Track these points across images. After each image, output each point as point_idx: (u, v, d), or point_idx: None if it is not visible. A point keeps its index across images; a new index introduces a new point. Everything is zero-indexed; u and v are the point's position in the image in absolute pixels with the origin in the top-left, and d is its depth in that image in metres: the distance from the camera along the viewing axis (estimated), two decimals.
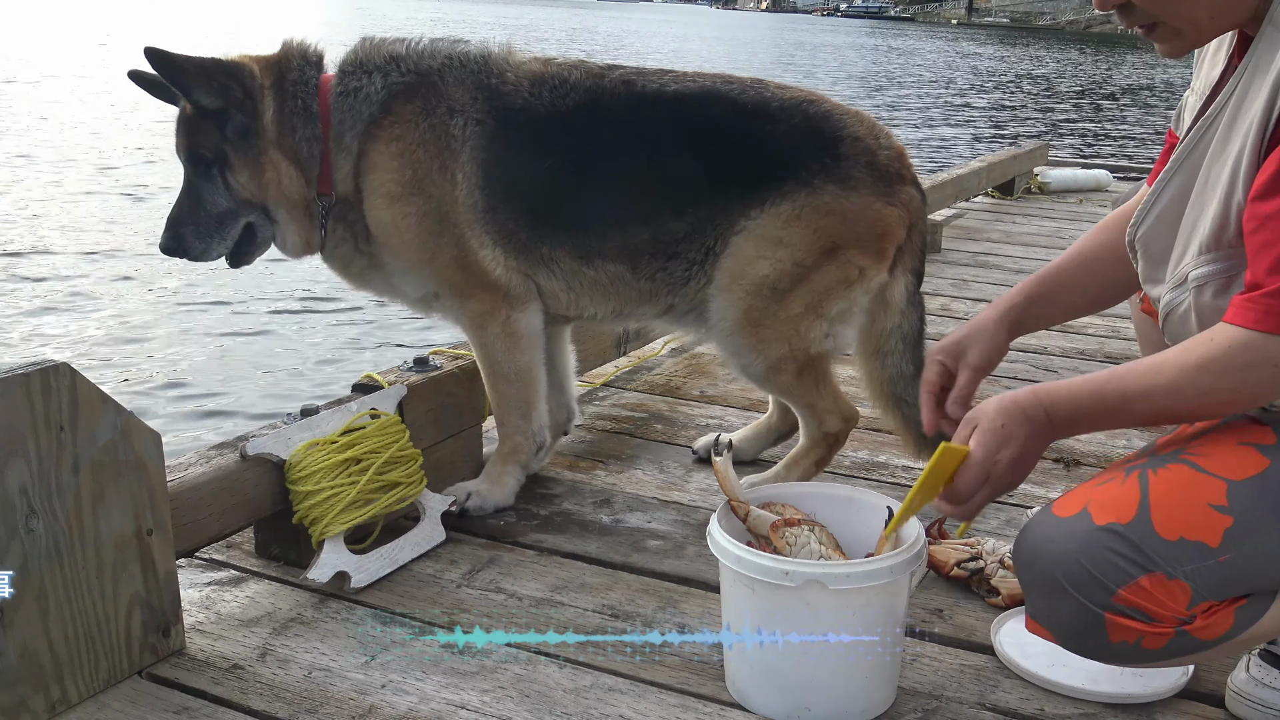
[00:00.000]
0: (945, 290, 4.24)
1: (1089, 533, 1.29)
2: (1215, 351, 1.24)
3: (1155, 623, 1.28)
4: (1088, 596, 1.29)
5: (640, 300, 2.21)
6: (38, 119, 11.55)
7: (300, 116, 2.09)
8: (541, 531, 2.13)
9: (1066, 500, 1.36)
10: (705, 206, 2.12)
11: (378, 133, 2.09)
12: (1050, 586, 1.32)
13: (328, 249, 2.19)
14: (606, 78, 2.16)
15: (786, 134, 2.11)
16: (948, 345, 1.63)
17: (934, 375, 1.61)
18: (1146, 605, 1.27)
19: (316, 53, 2.17)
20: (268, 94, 2.08)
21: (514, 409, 2.22)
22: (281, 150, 2.09)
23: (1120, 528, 1.28)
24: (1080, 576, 1.29)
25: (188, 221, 2.09)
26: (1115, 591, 1.27)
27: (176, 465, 1.75)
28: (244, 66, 2.09)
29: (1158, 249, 1.43)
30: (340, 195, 2.13)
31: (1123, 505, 1.30)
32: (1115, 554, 1.27)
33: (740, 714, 1.54)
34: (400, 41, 2.18)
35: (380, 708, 1.54)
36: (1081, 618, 1.30)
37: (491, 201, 2.10)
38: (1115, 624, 1.29)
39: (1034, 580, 1.35)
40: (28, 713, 1.45)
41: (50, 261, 6.31)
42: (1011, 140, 13.37)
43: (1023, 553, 1.37)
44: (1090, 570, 1.28)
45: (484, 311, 2.16)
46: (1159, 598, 1.27)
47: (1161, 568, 1.26)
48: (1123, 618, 1.28)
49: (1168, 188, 1.42)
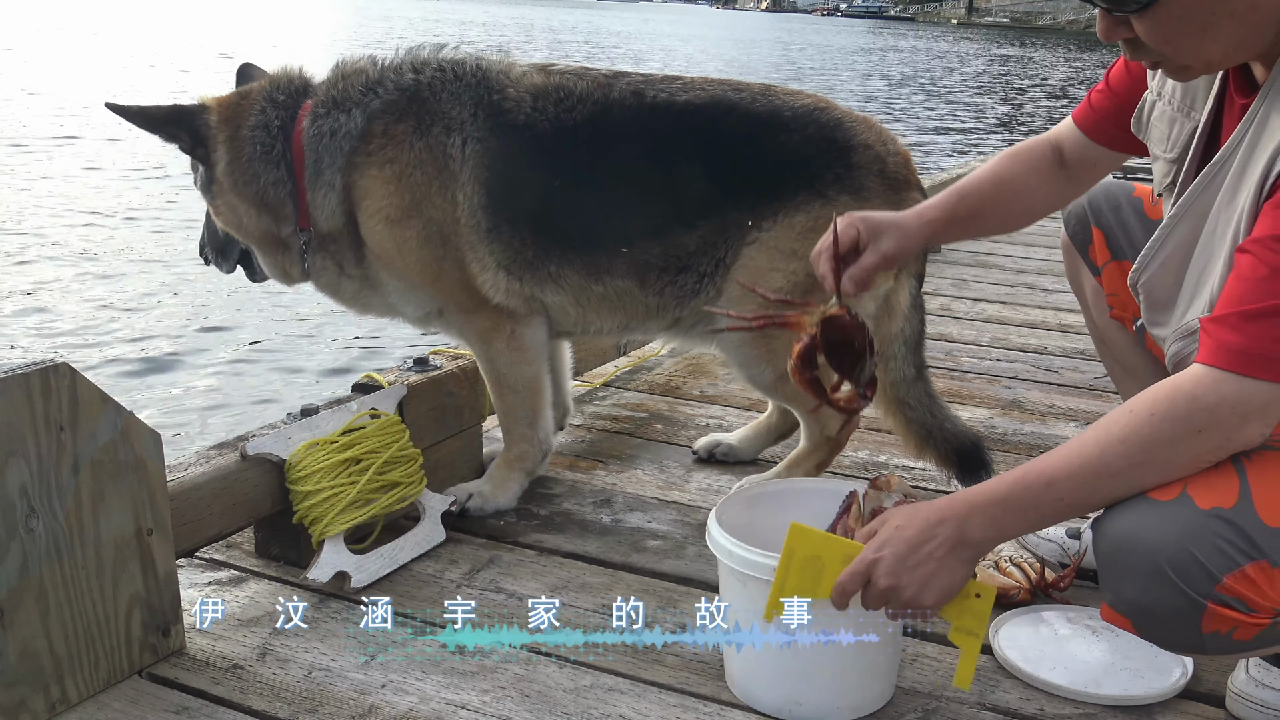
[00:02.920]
0: (945, 290, 4.24)
1: (1194, 518, 1.22)
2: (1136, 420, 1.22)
3: (1253, 613, 1.23)
4: (1191, 584, 1.22)
5: (648, 314, 2.19)
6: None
7: (261, 163, 2.07)
8: (541, 531, 2.13)
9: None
10: (717, 219, 2.09)
11: (366, 160, 2.05)
12: (1151, 574, 1.24)
13: (312, 278, 2.20)
14: (614, 87, 2.12)
15: (800, 144, 2.09)
16: (872, 219, 1.65)
17: (846, 237, 1.62)
18: (1249, 594, 1.21)
19: (294, 86, 2.13)
20: (221, 145, 2.08)
21: (521, 419, 2.22)
22: (238, 195, 2.09)
23: (1225, 513, 1.21)
24: (1185, 563, 1.21)
25: (207, 239, 2.28)
26: (1220, 580, 1.21)
27: (176, 465, 1.75)
28: (196, 114, 2.08)
29: (1162, 295, 1.42)
30: (323, 231, 2.11)
31: (1222, 490, 1.24)
32: (1222, 540, 1.21)
33: (740, 714, 1.55)
34: (374, 64, 2.13)
35: (380, 708, 1.54)
36: (1179, 607, 1.23)
37: (495, 221, 2.07)
38: (1214, 613, 1.22)
39: (1129, 567, 1.27)
40: (28, 713, 1.45)
41: (49, 261, 6.30)
42: (1012, 140, 13.38)
43: (1113, 538, 1.29)
44: (1198, 556, 1.21)
45: (489, 327, 2.15)
46: (1262, 587, 1.21)
47: (1267, 555, 1.21)
48: (1223, 607, 1.22)
49: (1173, 234, 1.40)
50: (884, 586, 1.29)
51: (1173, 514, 1.24)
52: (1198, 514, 1.22)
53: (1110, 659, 1.64)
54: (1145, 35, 1.25)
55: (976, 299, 4.13)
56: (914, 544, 1.28)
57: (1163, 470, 1.24)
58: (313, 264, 2.16)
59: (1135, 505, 1.27)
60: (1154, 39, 1.25)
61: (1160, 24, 1.23)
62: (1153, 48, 1.26)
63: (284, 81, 2.14)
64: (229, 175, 2.08)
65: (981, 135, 14.95)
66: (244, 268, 2.28)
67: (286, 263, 2.18)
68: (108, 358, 4.85)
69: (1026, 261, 4.75)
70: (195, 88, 2.35)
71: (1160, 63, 1.30)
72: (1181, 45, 1.25)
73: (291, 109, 2.10)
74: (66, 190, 8.18)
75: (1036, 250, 5.02)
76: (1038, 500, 1.27)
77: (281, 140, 2.08)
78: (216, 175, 2.09)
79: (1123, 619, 1.30)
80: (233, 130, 2.08)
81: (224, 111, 2.10)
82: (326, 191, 2.08)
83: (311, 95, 2.12)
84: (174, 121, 2.07)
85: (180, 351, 5.01)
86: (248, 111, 2.09)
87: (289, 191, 2.09)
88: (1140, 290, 1.47)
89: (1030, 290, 4.31)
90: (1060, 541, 1.94)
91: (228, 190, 2.10)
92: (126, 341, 5.09)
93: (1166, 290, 1.42)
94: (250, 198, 2.09)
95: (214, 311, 5.55)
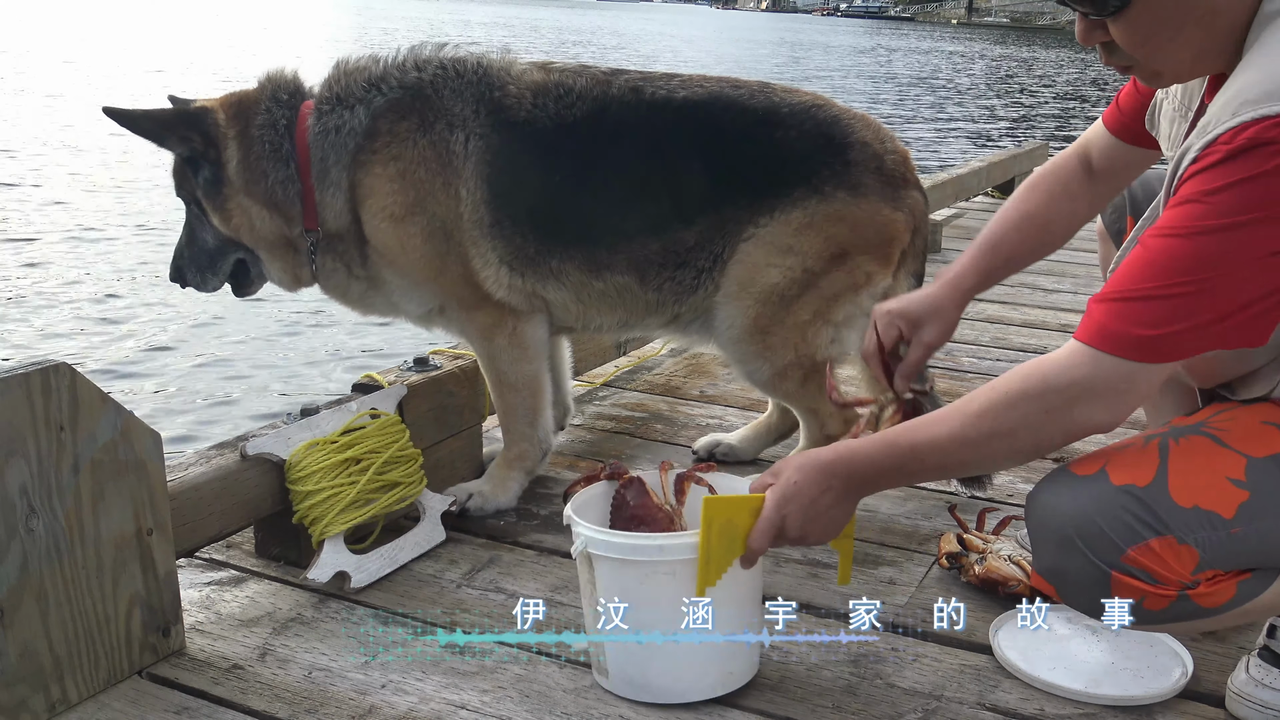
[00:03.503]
0: None
1: (1105, 492, 1.31)
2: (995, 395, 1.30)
3: (1159, 585, 1.30)
4: (1097, 553, 1.30)
5: (647, 311, 2.20)
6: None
7: (269, 160, 2.07)
8: (541, 531, 2.13)
9: (1084, 460, 1.37)
10: (716, 214, 2.10)
11: (370, 157, 2.05)
12: (1061, 541, 1.33)
13: (321, 280, 2.19)
14: (613, 84, 2.13)
15: (797, 140, 2.10)
16: (906, 312, 1.73)
17: (890, 336, 1.74)
18: (1153, 567, 1.29)
19: (293, 86, 2.13)
20: (231, 142, 2.06)
21: (521, 417, 2.22)
22: (250, 196, 2.07)
23: (1137, 490, 1.29)
24: (1092, 533, 1.30)
25: (185, 256, 2.18)
26: (1125, 551, 1.29)
27: (176, 465, 1.75)
28: (206, 114, 2.07)
29: None
30: (330, 230, 2.11)
31: (1141, 468, 1.31)
32: (1129, 514, 1.29)
33: (740, 714, 1.55)
34: (376, 61, 2.13)
35: (380, 708, 1.54)
36: (1088, 574, 1.31)
37: (497, 216, 2.07)
38: (1120, 582, 1.30)
39: (1045, 535, 1.36)
40: (28, 713, 1.45)
41: (49, 260, 6.31)
42: (1012, 140, 13.38)
43: (1036, 507, 1.38)
44: (1103, 528, 1.29)
45: (491, 324, 2.15)
46: (1167, 560, 1.29)
47: (1173, 532, 1.28)
48: (1128, 577, 1.30)
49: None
50: (794, 537, 1.43)
51: (1087, 488, 1.33)
52: (1109, 489, 1.31)
53: (1110, 659, 1.64)
54: (1119, 39, 1.31)
55: (976, 299, 4.13)
56: (813, 498, 1.40)
57: (1010, 443, 1.32)
58: (322, 266, 2.15)
59: (1057, 479, 1.38)
60: (1127, 43, 1.30)
61: (1132, 28, 1.28)
62: (1127, 51, 1.32)
63: (282, 82, 2.14)
64: (240, 174, 2.07)
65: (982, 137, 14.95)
66: (232, 281, 2.20)
67: (296, 265, 2.16)
68: (108, 358, 4.86)
69: None
70: (167, 91, 2.30)
71: (1133, 67, 1.36)
72: (1152, 50, 1.31)
73: (294, 108, 2.10)
74: (67, 190, 8.18)
75: None
76: (903, 465, 1.38)
77: (288, 139, 2.08)
78: (228, 175, 2.07)
79: (1047, 585, 1.39)
80: (241, 129, 2.07)
81: (229, 111, 2.09)
82: (334, 190, 2.08)
83: (309, 96, 2.12)
84: (186, 123, 2.05)
85: (180, 352, 5.01)
86: (254, 110, 2.09)
87: (297, 191, 2.08)
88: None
89: (1030, 290, 4.31)
90: None
91: (240, 190, 2.07)
92: (126, 341, 5.09)
93: None
94: (260, 197, 2.08)
95: (214, 311, 5.55)
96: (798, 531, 1.42)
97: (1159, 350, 1.22)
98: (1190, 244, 1.19)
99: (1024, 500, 2.22)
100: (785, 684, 1.61)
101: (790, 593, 1.88)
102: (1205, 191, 1.18)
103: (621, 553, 1.49)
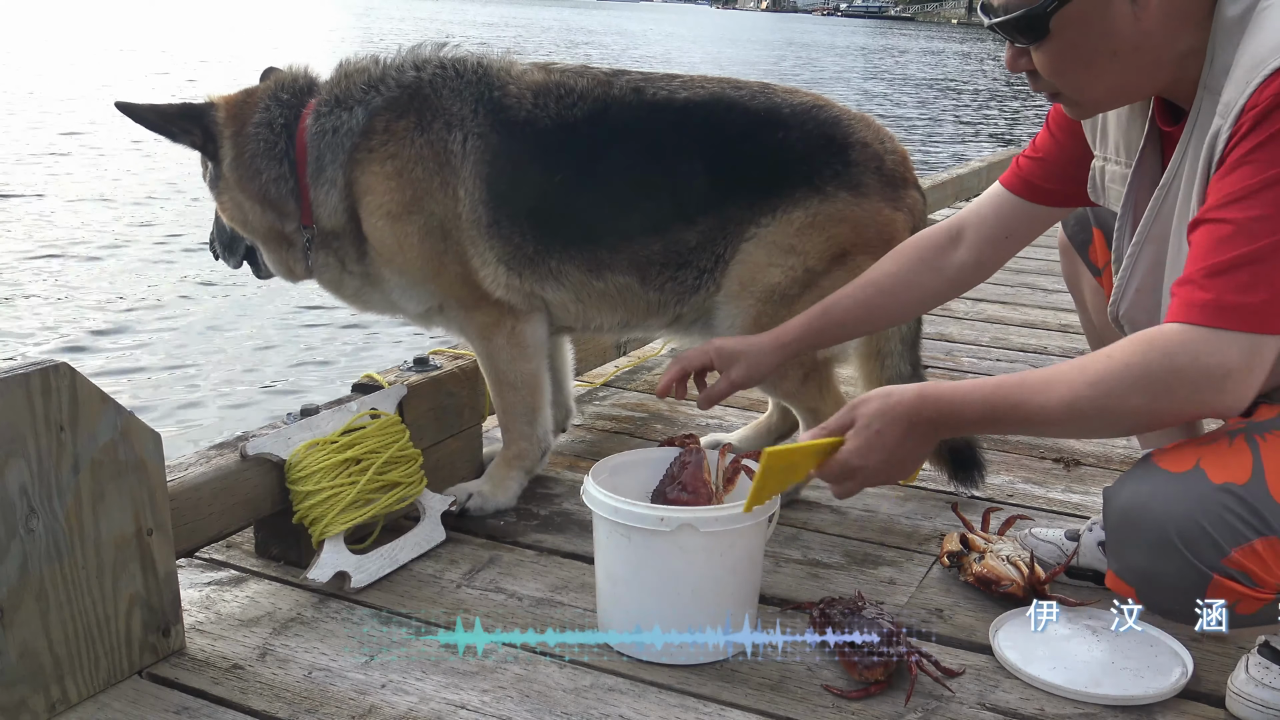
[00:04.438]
0: None
1: (1206, 491, 1.26)
2: (1114, 366, 1.24)
3: (1258, 588, 1.26)
4: (1198, 555, 1.25)
5: (648, 311, 2.20)
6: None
7: (264, 158, 2.10)
8: (541, 531, 2.13)
9: (1173, 455, 1.33)
10: (717, 214, 2.10)
11: (367, 156, 2.07)
12: (1157, 543, 1.27)
13: (315, 274, 2.21)
14: (614, 85, 2.13)
15: (798, 140, 2.10)
16: (726, 348, 1.80)
17: (698, 361, 1.80)
18: (1255, 569, 1.25)
19: (297, 85, 2.15)
20: (228, 139, 2.11)
21: (520, 416, 2.22)
22: (244, 191, 2.13)
23: (1237, 488, 1.25)
24: (1194, 534, 1.25)
25: (215, 234, 2.31)
26: (1228, 553, 1.24)
27: (176, 465, 1.75)
28: (208, 109, 2.12)
29: (1144, 319, 1.45)
30: (325, 228, 2.13)
31: (1236, 466, 1.27)
32: (1232, 514, 1.24)
33: (739, 713, 1.55)
34: (376, 63, 2.15)
35: (380, 708, 1.54)
36: (1186, 577, 1.27)
37: (496, 216, 2.08)
38: (1219, 585, 1.26)
39: (1137, 536, 1.30)
40: (28, 713, 1.45)
41: (49, 260, 6.31)
42: (1012, 140, 13.37)
43: (1125, 508, 1.32)
44: (1207, 528, 1.24)
45: (490, 323, 2.15)
46: (1269, 562, 1.24)
47: (1277, 532, 1.24)
48: (1229, 580, 1.25)
49: (1139, 262, 1.46)
50: (871, 480, 1.43)
51: (1185, 486, 1.27)
52: (1210, 487, 1.25)
53: (1110, 659, 1.64)
54: (1039, 67, 1.37)
55: (976, 299, 4.13)
56: (897, 443, 1.37)
57: (1124, 422, 1.28)
58: (315, 260, 2.18)
59: (1147, 475, 1.32)
60: (1047, 71, 1.37)
61: (1050, 58, 1.35)
62: (1046, 79, 1.38)
63: (289, 80, 2.16)
64: (233, 171, 2.11)
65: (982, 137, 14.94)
66: (250, 264, 2.31)
67: (290, 259, 2.20)
68: (108, 358, 4.86)
69: (1026, 261, 4.74)
70: (199, 89, 2.34)
71: (1059, 95, 1.41)
72: (1068, 80, 1.37)
73: (296, 107, 2.12)
74: (66, 190, 8.19)
75: (1036, 250, 5.00)
76: (998, 421, 1.34)
77: (285, 138, 2.10)
78: (223, 171, 2.13)
79: (1127, 587, 1.34)
80: (238, 127, 2.11)
81: (230, 109, 2.12)
82: (328, 188, 2.09)
83: (316, 94, 2.13)
84: (187, 118, 2.10)
85: (180, 351, 5.01)
86: (252, 109, 2.12)
87: (291, 188, 2.11)
88: (1123, 321, 1.51)
89: (1030, 290, 4.31)
90: (1059, 543, 1.94)
91: (233, 186, 2.13)
92: (126, 341, 5.10)
93: (1148, 314, 1.45)
94: (253, 193, 2.11)
95: (214, 311, 5.56)
96: (881, 477, 1.42)
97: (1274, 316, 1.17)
98: (1259, 200, 1.17)
99: (1027, 500, 2.25)
100: (785, 684, 1.61)
101: (790, 593, 1.88)
102: (1255, 147, 1.18)
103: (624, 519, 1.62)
